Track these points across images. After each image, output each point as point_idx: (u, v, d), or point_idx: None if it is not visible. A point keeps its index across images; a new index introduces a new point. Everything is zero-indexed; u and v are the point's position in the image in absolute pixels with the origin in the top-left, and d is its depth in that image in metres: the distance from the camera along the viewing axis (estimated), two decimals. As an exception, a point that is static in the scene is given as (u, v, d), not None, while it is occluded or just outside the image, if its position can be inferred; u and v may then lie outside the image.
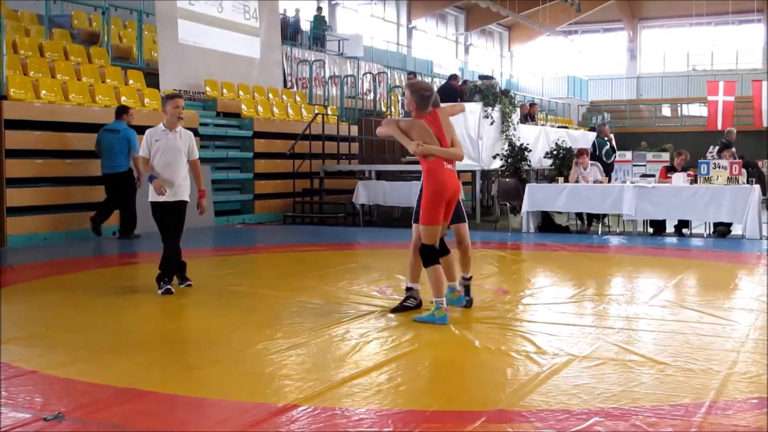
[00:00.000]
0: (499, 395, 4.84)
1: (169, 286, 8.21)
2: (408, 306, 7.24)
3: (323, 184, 18.06)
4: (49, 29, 16.94)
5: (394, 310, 7.20)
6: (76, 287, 8.78)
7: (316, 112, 19.33)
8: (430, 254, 6.83)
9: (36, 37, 16.13)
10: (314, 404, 4.56)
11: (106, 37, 17.47)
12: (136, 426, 4.30)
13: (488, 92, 17.00)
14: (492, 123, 16.67)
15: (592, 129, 28.06)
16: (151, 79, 16.88)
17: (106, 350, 5.89)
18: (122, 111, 13.54)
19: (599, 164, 15.17)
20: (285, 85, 21.75)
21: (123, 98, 15.14)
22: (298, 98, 21.37)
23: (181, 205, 8.48)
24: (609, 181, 14.86)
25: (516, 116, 17.82)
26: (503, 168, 16.68)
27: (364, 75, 25.23)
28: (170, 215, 8.42)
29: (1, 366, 5.30)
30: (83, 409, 4.54)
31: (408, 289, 7.41)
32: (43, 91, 13.70)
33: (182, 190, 8.50)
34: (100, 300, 7.98)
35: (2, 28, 13.47)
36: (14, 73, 13.61)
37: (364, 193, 16.31)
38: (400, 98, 23.56)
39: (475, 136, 16.39)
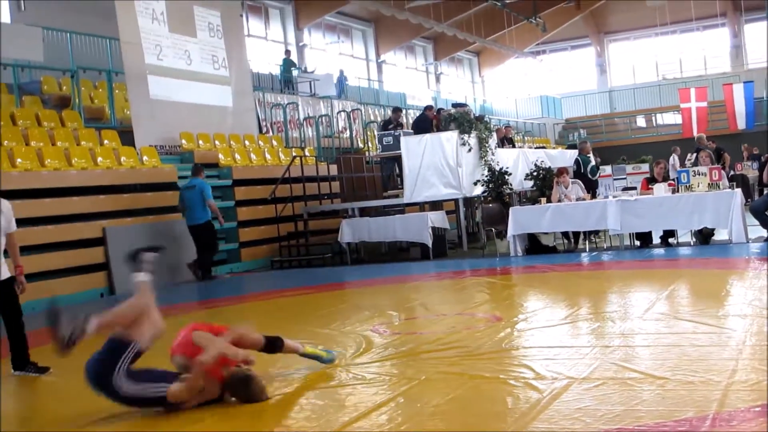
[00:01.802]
0: (502, 425, 4.79)
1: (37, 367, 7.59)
2: None
3: (308, 225, 18.03)
4: (20, 97, 16.92)
5: None
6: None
7: (294, 154, 19.34)
8: None
9: (7, 105, 16.10)
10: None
11: (77, 100, 17.49)
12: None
13: (463, 119, 17.05)
14: (470, 150, 16.70)
15: (570, 147, 28.19)
16: (126, 137, 16.86)
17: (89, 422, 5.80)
18: (197, 169, 15.61)
19: (580, 182, 15.21)
20: (260, 131, 21.77)
21: (99, 159, 15.11)
22: (274, 142, 21.39)
23: (10, 282, 7.67)
24: (594, 198, 14.88)
25: (493, 141, 17.87)
26: (485, 193, 16.70)
27: (338, 113, 25.30)
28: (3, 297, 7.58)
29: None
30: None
31: None
32: (18, 160, 13.65)
33: (5, 267, 7.73)
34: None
35: (-28, 100, 13.45)
36: (-13, 144, 13.57)
37: (349, 231, 16.29)
38: (376, 133, 23.65)
39: (454, 164, 16.42)
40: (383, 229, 16.17)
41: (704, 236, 13.81)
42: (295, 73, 28.39)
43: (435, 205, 17.76)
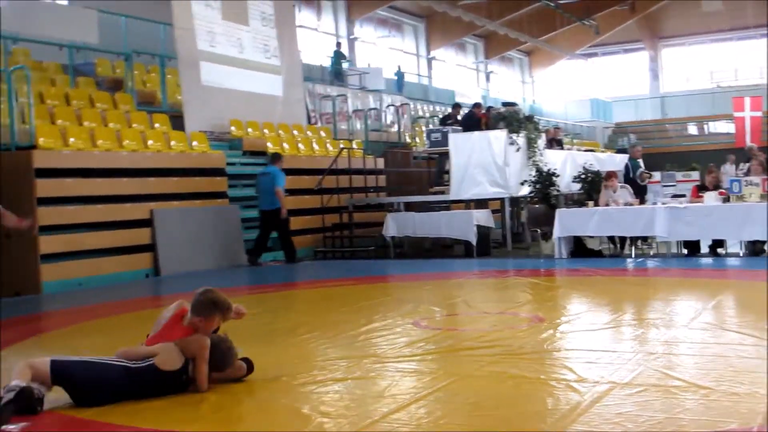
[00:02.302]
0: (541, 425, 4.76)
1: None
2: None
3: (352, 218, 18.06)
4: (74, 78, 17.17)
5: None
6: (112, 331, 8.79)
7: (342, 146, 19.39)
8: None
9: (62, 86, 16.34)
10: (355, 442, 4.51)
11: (130, 83, 17.69)
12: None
13: (512, 119, 16.97)
14: (518, 149, 16.62)
15: (619, 151, 27.93)
16: (177, 121, 17.02)
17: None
18: (275, 158, 16.31)
19: (629, 186, 15.06)
20: (309, 121, 21.86)
21: (150, 142, 15.28)
22: (323, 133, 21.46)
23: None
24: (642, 203, 14.72)
25: (542, 141, 17.75)
26: (532, 194, 16.61)
27: (387, 107, 25.31)
28: None
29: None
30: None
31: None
32: (72, 139, 13.86)
33: None
34: (133, 343, 7.96)
35: (29, 79, 13.65)
36: (42, 122, 13.78)
37: (394, 225, 16.29)
38: (424, 129, 23.61)
39: (502, 163, 16.34)
40: (428, 224, 16.16)
41: (755, 248, 13.58)
42: (345, 65, 28.44)
43: (480, 204, 17.70)
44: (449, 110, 21.84)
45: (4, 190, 12.88)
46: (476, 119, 18.61)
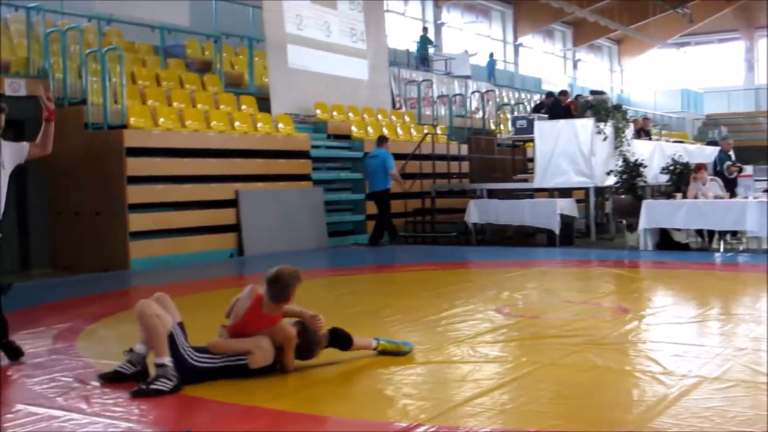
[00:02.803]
0: (626, 416, 4.70)
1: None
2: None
3: (434, 203, 18.03)
4: (165, 59, 17.50)
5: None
6: (197, 308, 8.95)
7: (426, 131, 19.34)
8: None
9: (152, 67, 16.66)
10: (437, 423, 4.51)
11: (218, 65, 17.93)
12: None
13: (600, 107, 16.68)
14: (605, 139, 16.34)
15: (709, 143, 27.24)
16: (263, 103, 17.20)
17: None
18: (382, 140, 16.51)
19: (719, 179, 14.70)
20: (393, 106, 21.88)
21: (237, 123, 15.48)
22: (407, 118, 21.46)
23: None
24: (733, 197, 14.35)
25: (629, 131, 17.43)
26: (618, 184, 16.34)
27: (472, 94, 25.18)
28: None
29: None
30: (209, 426, 4.62)
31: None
32: (161, 119, 14.12)
33: None
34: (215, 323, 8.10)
35: (121, 59, 13.96)
36: (133, 102, 14.08)
37: (476, 212, 16.20)
38: (508, 116, 23.42)
39: (588, 153, 16.10)
40: (511, 212, 16.02)
41: None
42: (431, 50, 28.36)
43: (564, 192, 17.48)
44: (537, 97, 21.64)
45: (96, 169, 13.23)
46: (562, 107, 18.36)
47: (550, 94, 20.70)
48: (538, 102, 21.57)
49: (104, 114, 13.40)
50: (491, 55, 32.39)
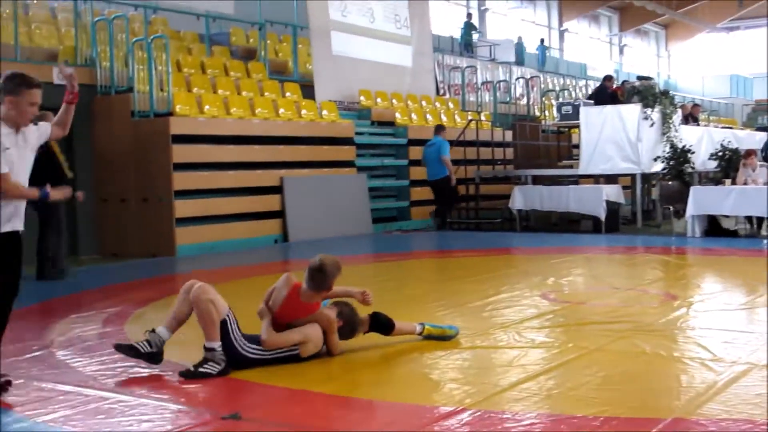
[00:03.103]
0: (674, 403, 4.65)
1: None
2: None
3: (479, 189, 17.96)
4: (210, 47, 17.59)
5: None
6: (243, 294, 9.01)
7: (470, 118, 19.26)
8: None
9: (198, 55, 16.77)
10: (483, 408, 4.50)
11: (263, 52, 18.00)
12: (309, 426, 4.35)
13: (647, 93, 16.47)
14: (652, 125, 16.15)
15: (760, 129, 26.82)
16: (307, 90, 17.24)
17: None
18: (439, 128, 16.84)
19: (769, 165, 14.46)
20: (437, 93, 21.80)
21: (281, 110, 15.53)
22: (451, 105, 21.38)
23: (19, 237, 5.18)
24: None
25: (677, 117, 17.20)
26: (665, 171, 16.13)
27: (516, 80, 25.01)
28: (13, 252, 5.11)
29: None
30: (259, 408, 4.65)
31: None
32: (206, 106, 14.21)
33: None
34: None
35: (167, 47, 14.07)
36: (179, 90, 14.18)
37: (521, 198, 16.10)
38: (553, 102, 23.22)
39: (635, 139, 15.92)
40: (556, 198, 15.90)
41: None
42: (475, 36, 28.21)
43: (610, 179, 17.32)
44: (582, 83, 21.38)
45: (142, 156, 13.36)
46: (607, 92, 18.15)
47: (608, 77, 20.27)
48: (597, 88, 21.17)
49: (150, 102, 13.52)
50: (542, 41, 32.16)
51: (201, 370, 5.26)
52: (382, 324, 6.06)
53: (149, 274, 11.12)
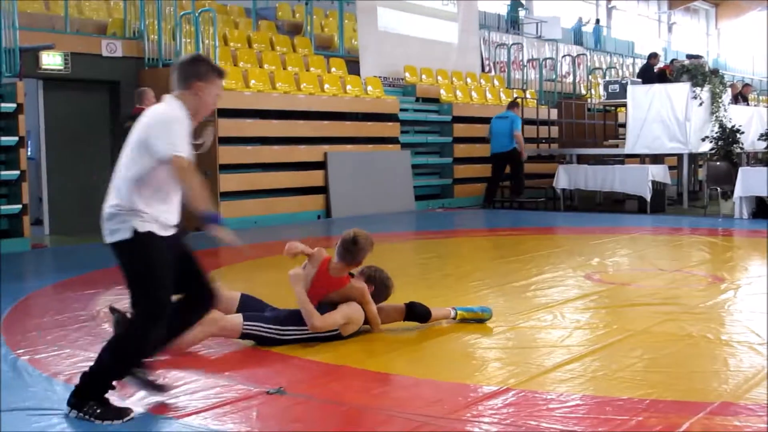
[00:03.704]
0: (722, 386, 4.59)
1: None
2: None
3: (523, 168, 17.83)
4: (256, 22, 17.61)
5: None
6: (285, 267, 9.04)
7: (515, 95, 19.10)
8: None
9: (244, 29, 16.80)
10: (528, 388, 4.49)
11: (308, 27, 17.97)
12: (353, 402, 4.37)
13: (697, 72, 16.21)
14: (701, 104, 15.90)
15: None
16: (352, 66, 17.20)
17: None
18: (513, 104, 17.08)
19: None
20: (483, 70, 21.64)
21: (326, 86, 15.52)
22: (496, 82, 21.22)
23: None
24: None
25: (726, 97, 16.93)
26: (713, 151, 15.90)
27: (563, 57, 24.74)
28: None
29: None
30: (302, 384, 4.68)
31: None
32: (252, 81, 14.24)
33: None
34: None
35: (214, 21, 14.10)
36: (225, 64, 14.22)
37: (565, 177, 15.97)
38: (600, 80, 22.95)
39: (683, 118, 15.69)
40: (600, 178, 15.74)
41: None
42: (521, 13, 27.92)
43: (656, 159, 17.11)
44: (630, 61, 21.07)
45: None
46: (652, 70, 17.89)
47: (654, 55, 19.92)
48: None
49: (197, 76, 13.55)
50: (597, 21, 31.79)
51: None
52: (418, 314, 6.00)
53: (193, 247, 11.17)
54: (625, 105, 16.90)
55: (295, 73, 15.34)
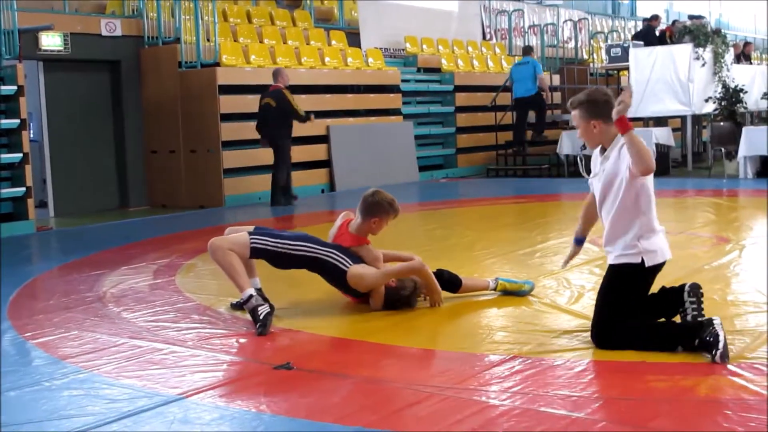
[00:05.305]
0: (728, 347, 4.58)
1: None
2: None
3: (526, 135, 17.79)
4: (256, -4, 17.53)
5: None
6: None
7: (517, 62, 19.01)
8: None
9: (243, 4, 16.70)
10: (534, 355, 4.50)
11: (308, 1, 17.87)
12: (361, 375, 4.38)
13: (699, 32, 16.10)
14: (703, 65, 15.82)
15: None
16: (353, 38, 17.14)
17: (326, 303, 6.01)
18: (528, 49, 17.58)
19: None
20: (484, 38, 21.53)
21: (327, 59, 15.47)
22: (497, 50, 21.11)
23: None
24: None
25: (729, 56, 16.83)
26: (716, 111, 15.84)
27: (564, 23, 24.58)
28: None
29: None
30: (309, 358, 4.70)
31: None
32: (253, 56, 14.20)
33: None
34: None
35: (214, -3, 14.06)
36: (225, 40, 14.18)
37: (569, 143, 15.92)
38: (602, 45, 22.81)
39: (685, 79, 15.61)
40: (604, 142, 15.67)
41: None
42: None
43: (659, 121, 17.05)
44: (632, 24, 20.92)
45: (190, 107, 13.43)
46: (652, 32, 17.78)
47: (655, 17, 19.82)
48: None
49: (197, 52, 13.55)
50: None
51: (258, 329, 5.16)
52: (447, 281, 5.90)
53: (198, 225, 11.23)
54: (627, 68, 16.81)
55: (295, 47, 15.29)
